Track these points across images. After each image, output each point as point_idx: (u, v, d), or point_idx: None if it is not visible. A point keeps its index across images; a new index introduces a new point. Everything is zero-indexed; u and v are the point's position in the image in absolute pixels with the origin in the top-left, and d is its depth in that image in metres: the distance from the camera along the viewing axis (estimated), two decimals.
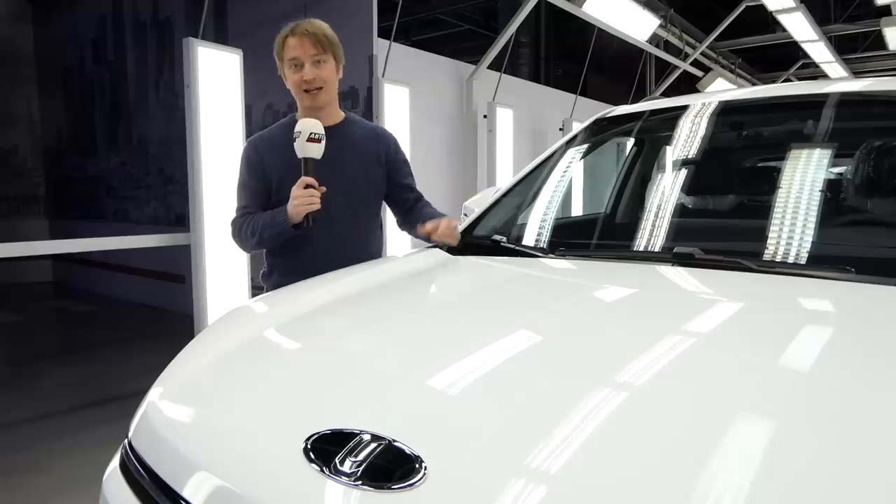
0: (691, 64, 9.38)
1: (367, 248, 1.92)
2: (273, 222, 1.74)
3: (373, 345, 1.12)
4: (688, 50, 9.10)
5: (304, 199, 1.67)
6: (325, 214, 1.72)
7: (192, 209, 3.40)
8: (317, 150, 1.69)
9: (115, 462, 1.05)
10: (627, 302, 1.23)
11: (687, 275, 1.31)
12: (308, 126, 1.68)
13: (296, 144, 1.68)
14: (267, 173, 1.82)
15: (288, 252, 1.83)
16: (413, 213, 2.00)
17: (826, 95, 1.76)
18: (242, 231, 1.82)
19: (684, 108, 1.93)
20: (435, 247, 1.81)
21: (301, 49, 1.75)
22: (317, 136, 1.68)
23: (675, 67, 9.14)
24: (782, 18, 7.73)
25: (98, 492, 1.03)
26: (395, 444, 0.75)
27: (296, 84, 1.78)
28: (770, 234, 1.40)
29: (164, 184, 5.89)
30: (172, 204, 5.82)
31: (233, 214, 1.89)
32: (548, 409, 0.79)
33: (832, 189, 1.54)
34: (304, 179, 1.68)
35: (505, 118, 5.98)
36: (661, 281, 1.33)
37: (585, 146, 2.11)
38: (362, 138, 1.91)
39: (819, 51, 9.32)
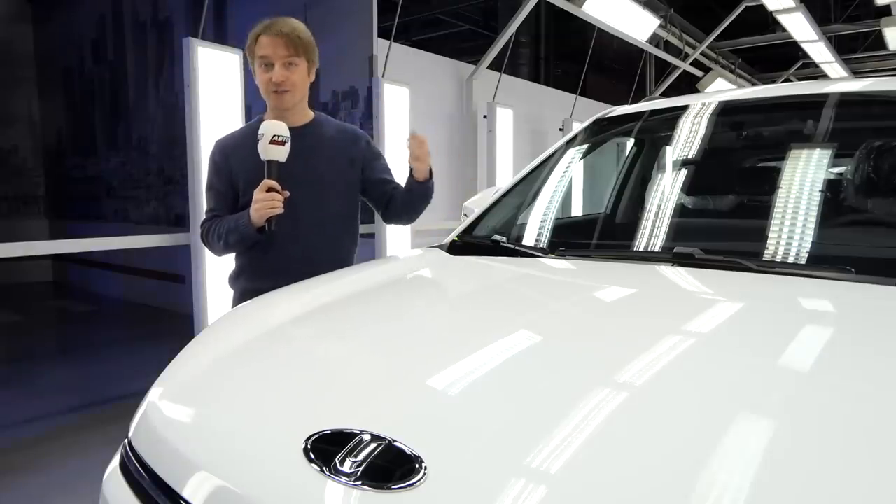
0: (691, 64, 9.38)
1: (338, 250, 1.88)
2: (237, 226, 1.71)
3: (373, 345, 1.12)
4: (688, 50, 9.10)
5: (265, 202, 1.64)
6: (293, 215, 1.70)
7: (191, 209, 3.40)
8: (281, 153, 1.66)
9: (115, 462, 1.05)
10: (627, 302, 1.23)
11: (687, 275, 1.31)
12: (272, 128, 1.65)
13: (259, 146, 1.65)
14: (234, 176, 1.79)
15: (256, 254, 1.80)
16: (394, 201, 1.94)
17: (826, 95, 1.75)
18: (210, 235, 1.79)
19: (684, 108, 1.93)
20: (435, 247, 1.81)
21: (272, 49, 1.72)
22: (280, 139, 1.65)
23: (675, 67, 9.14)
24: (782, 18, 7.73)
25: (98, 492, 1.03)
26: (395, 444, 0.75)
27: (264, 84, 1.75)
28: (770, 235, 1.40)
29: (164, 184, 5.89)
30: (172, 204, 5.82)
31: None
32: (548, 409, 0.79)
33: (832, 189, 1.54)
34: (266, 182, 1.66)
35: (505, 118, 5.98)
36: (662, 281, 1.33)
37: (585, 146, 2.11)
38: (332, 139, 1.87)
39: (819, 51, 9.32)
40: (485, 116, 5.91)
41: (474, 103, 5.89)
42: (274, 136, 1.64)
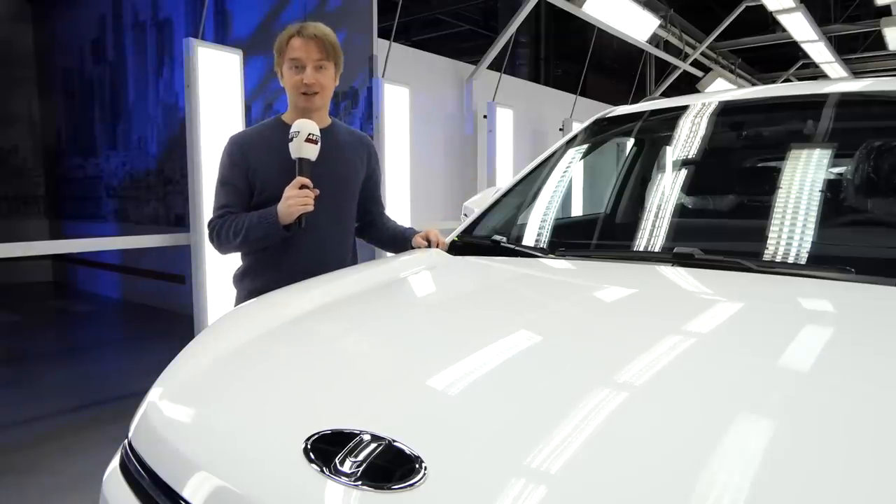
0: (691, 64, 9.38)
1: (346, 252, 1.91)
2: (261, 223, 1.70)
3: (373, 345, 1.12)
4: (688, 50, 9.10)
5: (298, 199, 1.65)
6: (312, 215, 1.71)
7: (191, 209, 3.40)
8: (313, 152, 1.68)
9: (115, 462, 1.05)
10: (627, 302, 1.23)
11: (687, 275, 1.31)
12: (306, 127, 1.66)
13: (292, 144, 1.66)
14: (251, 173, 1.79)
15: (273, 253, 1.79)
16: (376, 225, 2.03)
17: (826, 95, 1.75)
18: (223, 232, 1.75)
19: (684, 108, 1.93)
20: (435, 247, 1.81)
21: (305, 52, 1.74)
22: (314, 137, 1.67)
23: (675, 67, 9.14)
24: (782, 18, 7.73)
25: (98, 492, 1.03)
26: (395, 444, 0.75)
27: (294, 86, 1.77)
28: (770, 235, 1.40)
29: (164, 184, 5.89)
30: (172, 204, 5.82)
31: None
32: (548, 409, 0.79)
33: (832, 189, 1.54)
34: (300, 179, 1.67)
35: (505, 118, 5.98)
36: (661, 281, 1.33)
37: (585, 146, 2.11)
38: (348, 143, 1.90)
39: (819, 51, 9.32)
40: (485, 116, 5.92)
41: (474, 103, 5.89)
42: (309, 134, 1.66)
